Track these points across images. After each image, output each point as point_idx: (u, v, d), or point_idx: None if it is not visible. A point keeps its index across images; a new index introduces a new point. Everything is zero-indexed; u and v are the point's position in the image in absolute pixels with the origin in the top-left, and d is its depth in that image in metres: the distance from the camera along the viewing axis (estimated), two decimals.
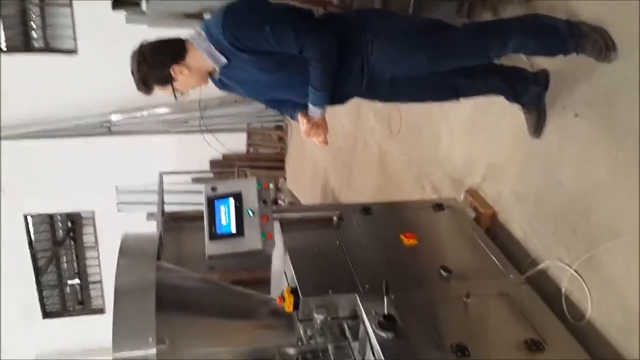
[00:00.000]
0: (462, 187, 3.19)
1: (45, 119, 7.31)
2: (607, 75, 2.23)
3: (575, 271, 2.37)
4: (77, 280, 9.00)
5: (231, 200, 2.41)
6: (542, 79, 2.48)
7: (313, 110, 2.21)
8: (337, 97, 2.24)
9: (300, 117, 2.26)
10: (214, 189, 2.46)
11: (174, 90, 2.15)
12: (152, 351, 1.92)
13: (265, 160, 8.18)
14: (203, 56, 2.15)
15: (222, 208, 2.42)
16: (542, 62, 2.54)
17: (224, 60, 2.15)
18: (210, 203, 2.44)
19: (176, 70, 2.15)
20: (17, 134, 7.29)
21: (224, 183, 2.50)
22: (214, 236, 2.39)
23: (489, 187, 3.01)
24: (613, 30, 2.17)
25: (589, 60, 2.23)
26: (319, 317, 2.16)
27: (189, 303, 2.28)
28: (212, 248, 2.38)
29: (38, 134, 7.34)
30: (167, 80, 2.14)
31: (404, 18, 2.62)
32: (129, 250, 2.17)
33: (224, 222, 2.39)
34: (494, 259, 2.53)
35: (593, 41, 2.17)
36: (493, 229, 2.88)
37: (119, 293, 2.02)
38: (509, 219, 2.83)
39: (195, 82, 2.19)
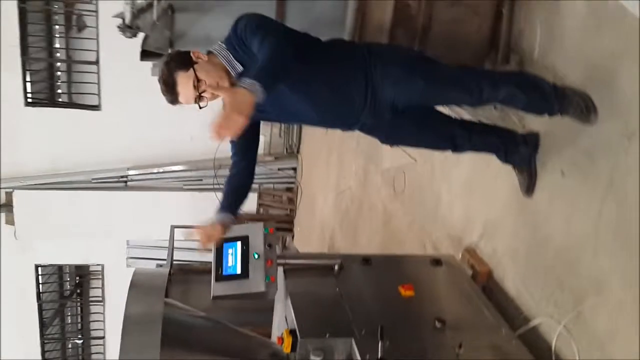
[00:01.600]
0: (460, 245, 3.29)
1: (64, 171, 7.51)
2: (589, 136, 2.36)
3: (564, 327, 2.42)
4: (79, 341, 8.88)
5: (239, 243, 2.54)
6: (532, 140, 2.61)
7: (248, 82, 1.91)
8: (343, 109, 2.35)
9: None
10: None
11: (196, 75, 2.16)
12: None
13: (275, 221, 8.31)
14: (222, 62, 2.26)
15: (230, 250, 2.55)
16: (532, 124, 2.68)
17: (239, 67, 2.26)
18: (219, 245, 2.57)
19: (196, 55, 2.22)
20: (36, 185, 7.46)
21: (233, 227, 2.65)
22: (220, 277, 2.51)
23: (485, 245, 3.10)
24: (595, 94, 2.31)
25: (575, 122, 2.36)
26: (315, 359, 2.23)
27: (192, 341, 2.33)
28: (217, 289, 2.49)
29: (56, 186, 7.52)
30: (188, 62, 2.19)
31: (403, 47, 2.78)
32: (139, 283, 2.28)
33: (230, 263, 2.52)
34: (488, 314, 2.59)
35: (576, 104, 2.30)
36: (489, 287, 2.94)
37: (127, 322, 2.11)
38: (503, 276, 2.91)
39: (216, 76, 2.22)
